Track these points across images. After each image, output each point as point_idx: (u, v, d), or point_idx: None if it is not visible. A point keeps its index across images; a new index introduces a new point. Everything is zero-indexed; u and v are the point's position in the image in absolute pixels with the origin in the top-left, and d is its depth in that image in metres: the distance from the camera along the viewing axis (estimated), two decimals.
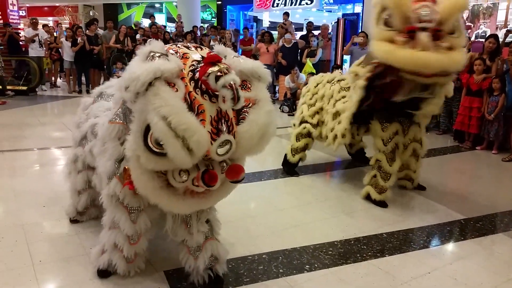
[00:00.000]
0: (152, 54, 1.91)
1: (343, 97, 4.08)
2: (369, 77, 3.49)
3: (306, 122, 4.45)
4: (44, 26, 13.14)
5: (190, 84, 1.89)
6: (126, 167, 2.13)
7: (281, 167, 4.81)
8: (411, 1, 3.07)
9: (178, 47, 2.05)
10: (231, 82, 1.83)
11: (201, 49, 2.06)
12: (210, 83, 1.84)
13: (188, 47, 2.06)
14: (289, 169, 4.71)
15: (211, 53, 1.99)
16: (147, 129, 1.86)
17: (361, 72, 3.60)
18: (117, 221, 2.35)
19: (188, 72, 1.92)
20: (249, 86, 2.06)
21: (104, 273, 2.53)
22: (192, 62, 1.96)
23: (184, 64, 1.94)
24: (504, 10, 11.57)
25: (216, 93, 1.86)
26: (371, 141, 4.07)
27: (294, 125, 4.66)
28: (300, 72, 9.23)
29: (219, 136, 1.91)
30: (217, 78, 1.82)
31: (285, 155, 4.72)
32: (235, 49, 10.83)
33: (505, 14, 11.60)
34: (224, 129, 1.92)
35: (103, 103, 2.83)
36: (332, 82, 4.35)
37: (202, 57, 1.98)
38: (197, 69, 1.91)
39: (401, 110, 3.72)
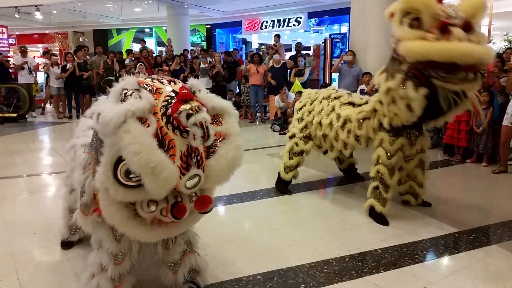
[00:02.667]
0: (124, 92, 1.97)
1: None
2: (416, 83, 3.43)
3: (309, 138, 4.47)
4: (45, 53, 13.13)
5: (162, 119, 1.93)
6: (96, 194, 2.15)
7: (274, 186, 4.80)
8: (436, 3, 3.26)
9: (153, 81, 2.09)
10: (202, 121, 1.90)
11: (175, 83, 2.10)
12: (182, 120, 1.90)
13: (162, 82, 2.09)
14: (283, 187, 4.70)
15: (184, 90, 2.03)
16: (117, 162, 1.90)
17: (393, 85, 3.50)
18: (101, 239, 2.35)
19: (161, 108, 1.95)
20: (221, 120, 2.15)
21: None
22: (165, 97, 1.99)
23: (156, 99, 1.98)
24: (486, 26, 11.87)
25: (187, 129, 1.91)
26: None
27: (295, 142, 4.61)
28: (289, 91, 9.35)
29: (188, 170, 1.96)
30: (189, 116, 1.89)
31: (278, 173, 4.72)
32: (225, 70, 10.93)
33: (488, 30, 11.90)
34: (194, 164, 1.98)
35: (85, 121, 2.88)
36: (329, 98, 4.36)
37: (175, 92, 2.01)
38: (170, 105, 1.95)
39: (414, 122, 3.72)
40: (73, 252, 3.17)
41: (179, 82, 2.13)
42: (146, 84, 2.04)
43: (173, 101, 1.96)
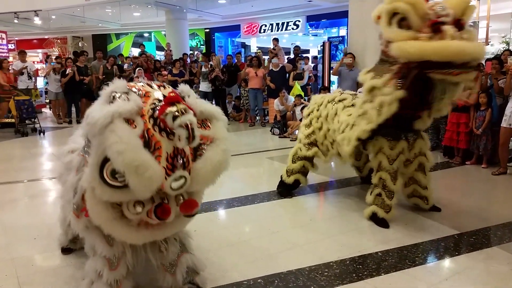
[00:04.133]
0: (113, 94, 2.03)
1: (349, 114, 3.98)
2: (401, 83, 3.38)
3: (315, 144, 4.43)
4: (57, 58, 13.09)
5: (149, 122, 2.00)
6: (84, 194, 2.19)
7: (275, 189, 4.79)
8: (423, 2, 3.26)
9: (142, 85, 2.16)
10: (187, 122, 1.96)
11: (164, 88, 2.18)
12: (168, 122, 1.96)
13: (151, 86, 2.18)
14: (283, 190, 4.69)
15: (172, 93, 2.11)
16: (104, 162, 1.96)
17: (379, 83, 3.49)
18: (93, 245, 2.38)
19: (148, 110, 2.03)
20: (209, 124, 2.21)
21: None
22: (153, 100, 2.07)
23: (145, 102, 2.05)
24: (485, 28, 11.91)
25: (174, 130, 1.98)
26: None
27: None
28: (289, 94, 9.36)
29: (174, 172, 2.02)
30: (174, 118, 1.96)
31: (281, 176, 4.71)
32: (224, 74, 10.91)
33: (486, 32, 11.94)
34: (180, 166, 2.04)
35: (79, 131, 2.94)
36: (333, 101, 4.29)
37: (164, 96, 2.09)
38: (157, 108, 2.02)
39: (410, 125, 3.74)
40: (74, 257, 3.17)
41: (168, 87, 2.20)
42: (136, 88, 2.11)
43: (160, 104, 2.04)
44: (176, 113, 1.96)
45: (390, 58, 3.42)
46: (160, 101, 2.06)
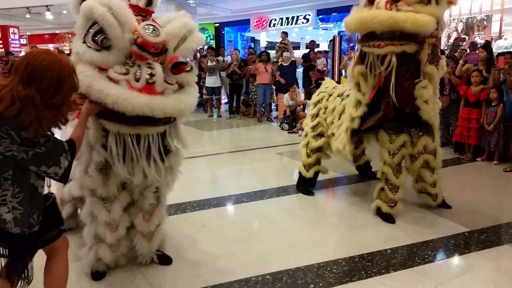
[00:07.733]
0: None
1: None
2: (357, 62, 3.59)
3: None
4: (69, 55, 13.14)
5: None
6: (75, 98, 2.21)
7: (284, 185, 4.79)
8: None
9: None
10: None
11: None
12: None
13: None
14: (304, 187, 4.61)
15: None
16: (85, 35, 2.34)
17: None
18: (94, 213, 2.60)
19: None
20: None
21: (96, 275, 2.71)
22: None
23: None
24: (498, 22, 11.70)
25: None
26: (376, 153, 4.05)
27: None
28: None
29: (144, 21, 2.39)
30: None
31: (299, 173, 4.64)
32: (240, 68, 10.77)
33: (499, 26, 11.74)
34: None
35: None
36: (343, 95, 4.23)
37: None
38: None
39: (412, 119, 3.70)
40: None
41: None
42: None
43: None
44: None
45: None
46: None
